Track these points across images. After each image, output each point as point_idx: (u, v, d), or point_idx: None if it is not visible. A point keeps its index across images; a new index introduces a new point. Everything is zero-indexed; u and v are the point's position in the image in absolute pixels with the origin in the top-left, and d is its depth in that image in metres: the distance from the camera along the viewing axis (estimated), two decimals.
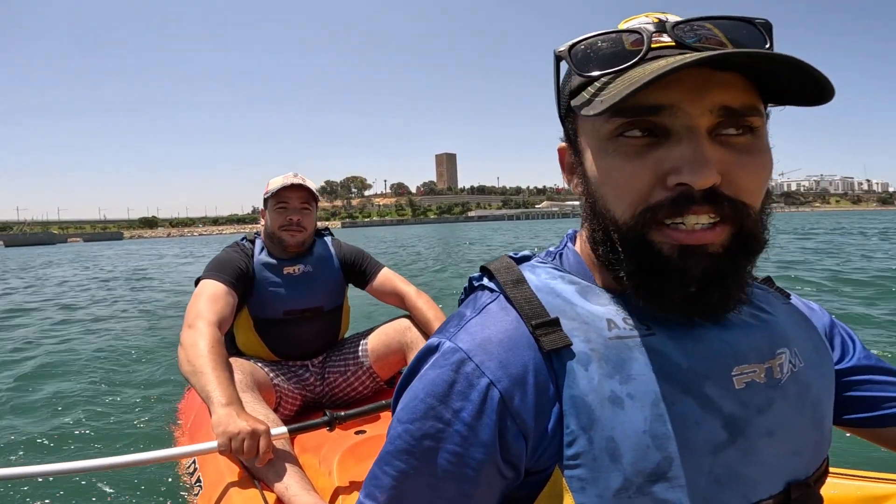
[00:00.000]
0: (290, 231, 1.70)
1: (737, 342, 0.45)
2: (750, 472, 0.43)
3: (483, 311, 0.46)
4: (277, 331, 1.72)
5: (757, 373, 0.45)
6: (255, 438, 1.14)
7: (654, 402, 0.41)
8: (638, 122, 0.40)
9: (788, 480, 0.46)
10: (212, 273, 1.61)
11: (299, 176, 1.74)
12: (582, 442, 0.41)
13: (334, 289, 1.82)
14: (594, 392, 0.41)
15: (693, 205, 0.40)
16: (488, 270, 0.50)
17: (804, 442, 0.47)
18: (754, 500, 0.43)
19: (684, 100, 0.39)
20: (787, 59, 0.37)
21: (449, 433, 0.42)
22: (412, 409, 0.44)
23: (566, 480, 0.41)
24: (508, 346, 0.43)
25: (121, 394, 2.94)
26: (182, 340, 1.40)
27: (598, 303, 0.46)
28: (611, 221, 0.44)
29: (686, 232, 0.40)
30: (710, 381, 0.43)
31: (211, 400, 1.21)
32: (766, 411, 0.45)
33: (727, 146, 0.40)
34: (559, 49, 0.44)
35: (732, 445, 0.42)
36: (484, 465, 0.42)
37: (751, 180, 0.41)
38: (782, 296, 0.56)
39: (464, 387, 0.42)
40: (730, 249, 0.41)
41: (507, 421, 0.42)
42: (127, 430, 2.38)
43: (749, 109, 0.40)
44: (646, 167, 0.41)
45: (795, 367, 0.48)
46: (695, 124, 0.39)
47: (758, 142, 0.42)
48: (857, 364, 0.57)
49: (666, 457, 0.41)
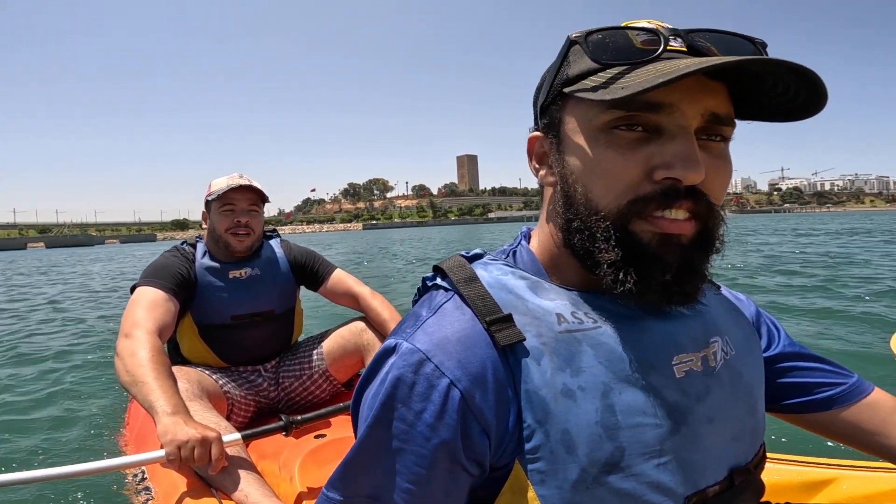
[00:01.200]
0: (238, 235, 1.63)
1: (675, 332, 0.47)
2: (695, 458, 0.45)
3: (439, 310, 0.47)
4: (225, 336, 1.65)
5: (694, 361, 0.47)
6: (205, 446, 1.08)
7: (603, 393, 0.43)
8: (635, 117, 0.42)
9: (731, 466, 0.48)
10: (149, 279, 1.53)
11: (245, 177, 1.67)
12: (539, 435, 0.42)
13: (284, 291, 1.76)
14: (547, 386, 0.43)
15: (679, 199, 0.42)
16: (441, 270, 0.50)
17: (742, 428, 0.50)
18: (702, 487, 0.45)
19: (683, 101, 0.42)
20: (796, 67, 0.39)
21: (412, 434, 0.43)
22: (375, 411, 0.44)
23: (527, 474, 0.42)
24: (466, 345, 0.43)
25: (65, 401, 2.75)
26: (118, 350, 1.31)
27: (547, 297, 0.47)
28: (594, 210, 0.45)
29: (668, 221, 0.43)
30: (654, 371, 0.45)
31: (154, 410, 1.14)
32: (705, 399, 0.47)
33: (706, 150, 0.43)
34: (574, 34, 0.46)
35: (677, 433, 0.44)
36: (449, 464, 0.43)
37: (719, 184, 0.44)
38: (714, 287, 0.58)
39: (424, 388, 0.42)
40: (696, 244, 0.44)
41: (469, 420, 0.42)
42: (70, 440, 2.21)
43: (729, 119, 0.44)
44: (637, 160, 0.43)
45: (728, 356, 0.51)
46: (688, 125, 0.42)
47: (726, 151, 0.45)
48: (782, 351, 0.60)
49: (618, 447, 0.42)
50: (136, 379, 1.21)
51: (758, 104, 0.46)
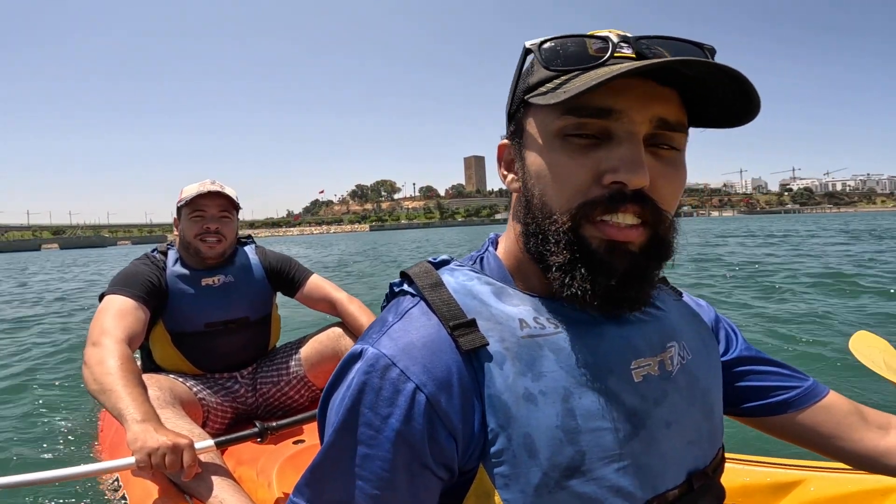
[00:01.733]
0: (208, 242, 1.61)
1: (633, 337, 0.49)
2: (654, 462, 0.46)
3: (405, 316, 0.47)
4: (198, 344, 1.64)
5: (651, 366, 0.48)
6: (176, 453, 1.06)
7: (563, 397, 0.44)
8: (586, 123, 0.44)
9: (690, 470, 0.49)
10: (118, 288, 1.50)
11: (217, 183, 1.66)
12: (502, 439, 0.43)
13: (259, 298, 1.75)
14: (509, 390, 0.43)
15: (625, 203, 0.43)
16: (408, 276, 0.51)
17: (699, 432, 0.51)
18: (661, 491, 0.46)
19: (632, 107, 0.43)
20: (729, 71, 0.41)
21: (379, 440, 0.43)
22: (342, 417, 0.44)
23: (491, 478, 0.43)
24: (431, 350, 0.44)
25: (36, 408, 2.69)
26: (86, 359, 1.29)
27: (511, 303, 0.48)
28: (547, 214, 0.46)
29: (615, 228, 0.44)
30: (613, 376, 0.46)
31: (124, 417, 1.12)
32: (662, 403, 0.48)
33: (655, 157, 0.45)
34: (530, 43, 0.47)
35: (636, 437, 0.45)
36: (417, 468, 0.43)
37: (670, 190, 0.45)
38: (675, 293, 0.60)
39: (390, 393, 0.43)
40: (646, 251, 0.45)
41: (435, 424, 0.43)
42: (42, 447, 2.16)
43: (679, 126, 0.45)
44: (586, 165, 0.44)
45: (684, 360, 0.52)
46: (636, 131, 0.43)
47: (679, 158, 0.46)
48: (740, 355, 0.61)
49: (578, 451, 0.43)
50: (104, 387, 1.19)
51: (706, 111, 0.47)
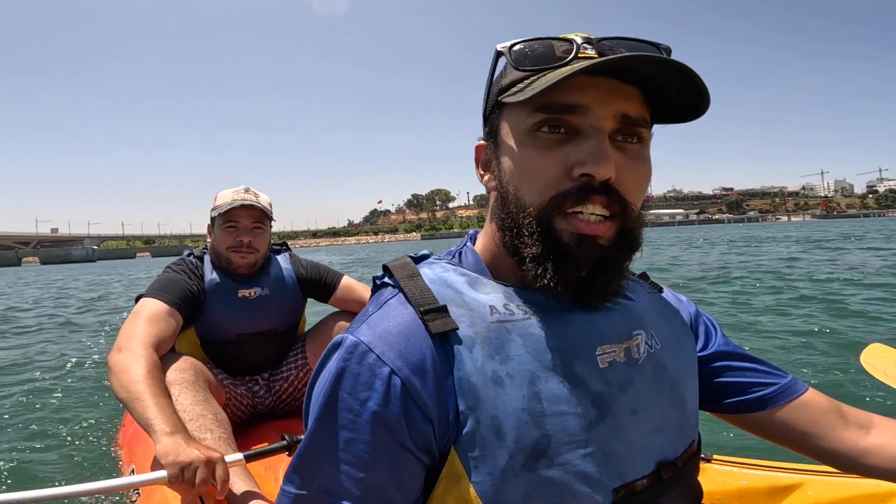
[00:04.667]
0: (241, 252, 1.59)
1: (599, 324, 0.50)
2: (620, 449, 0.47)
3: (384, 306, 0.50)
4: (227, 351, 1.65)
5: (617, 352, 0.50)
6: (209, 467, 1.01)
7: (530, 380, 0.45)
8: (555, 119, 0.46)
9: (658, 460, 0.50)
10: (155, 292, 1.48)
11: (251, 191, 1.63)
12: (471, 422, 0.44)
13: (290, 309, 1.75)
14: (478, 373, 0.45)
15: (593, 194, 0.45)
16: (388, 269, 0.53)
17: (666, 420, 0.52)
18: (629, 479, 0.47)
19: (595, 103, 0.46)
20: (676, 64, 0.44)
21: (359, 423, 0.44)
22: (323, 403, 0.46)
23: (462, 460, 0.45)
24: (406, 336, 0.46)
25: (61, 417, 2.67)
26: (111, 365, 1.25)
27: (483, 292, 0.50)
28: (521, 208, 0.48)
29: (585, 222, 0.46)
30: (579, 361, 0.48)
31: (153, 429, 1.08)
32: (628, 389, 0.49)
33: (621, 151, 0.47)
34: (501, 45, 0.50)
35: (602, 423, 0.47)
36: (398, 450, 0.44)
37: (635, 182, 0.48)
38: (654, 288, 0.62)
39: (368, 377, 0.45)
40: (615, 244, 0.48)
41: (411, 406, 0.44)
42: (63, 457, 2.14)
43: (642, 121, 0.48)
44: (556, 159, 0.46)
45: (652, 349, 0.53)
46: (601, 125, 0.46)
47: (644, 151, 0.49)
48: (717, 350, 0.62)
49: (544, 434, 0.44)
50: (131, 395, 1.17)
51: (666, 107, 0.49)
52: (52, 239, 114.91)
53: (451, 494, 0.46)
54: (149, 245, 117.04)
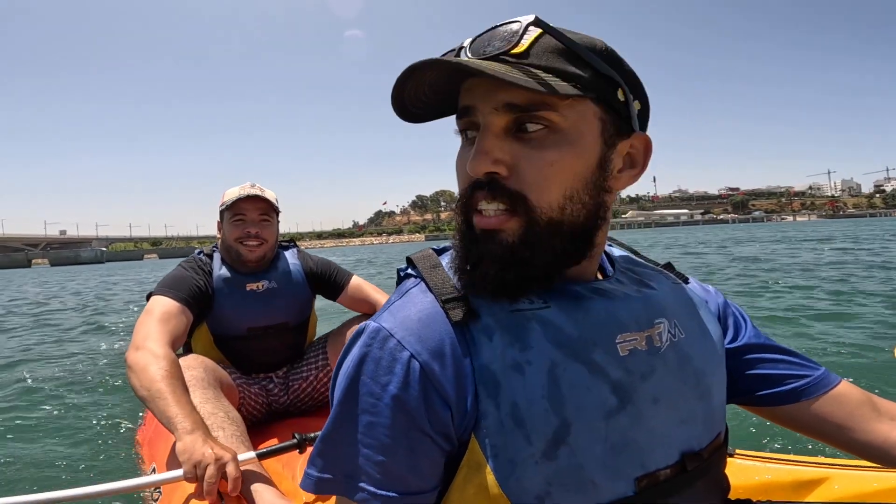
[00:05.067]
0: (249, 244, 1.63)
1: (619, 312, 0.50)
2: (641, 438, 0.47)
3: (406, 294, 0.51)
4: (240, 346, 1.67)
5: (638, 340, 0.49)
6: (220, 465, 1.05)
7: (549, 368, 0.46)
8: (465, 122, 0.49)
9: (682, 451, 0.49)
10: (164, 290, 1.52)
11: (257, 186, 1.67)
12: (491, 409, 0.45)
13: (300, 303, 1.77)
14: (498, 360, 0.46)
15: (476, 191, 0.47)
16: (412, 261, 0.55)
17: (691, 411, 0.51)
18: (651, 469, 0.47)
19: (478, 101, 0.47)
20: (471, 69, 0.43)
21: (380, 407, 0.45)
22: (345, 387, 0.47)
23: (482, 448, 0.45)
24: (426, 323, 0.47)
25: (80, 417, 2.68)
26: (130, 364, 1.28)
27: None
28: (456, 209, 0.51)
29: (484, 217, 0.47)
30: (598, 349, 0.47)
31: (174, 426, 1.12)
32: (650, 378, 0.49)
33: (522, 142, 0.46)
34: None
35: (622, 411, 0.46)
36: (417, 434, 0.45)
37: (532, 171, 0.46)
38: (680, 279, 0.61)
39: (388, 361, 0.46)
40: (523, 239, 0.47)
41: (430, 391, 0.45)
42: (84, 457, 2.14)
43: (535, 105, 0.45)
44: (463, 161, 0.49)
45: (675, 338, 0.52)
46: (487, 122, 0.46)
47: (553, 136, 0.46)
48: (748, 342, 0.60)
49: (564, 421, 0.45)
50: (153, 394, 1.20)
51: None
52: (60, 241, 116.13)
53: (471, 482, 0.46)
54: (156, 247, 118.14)
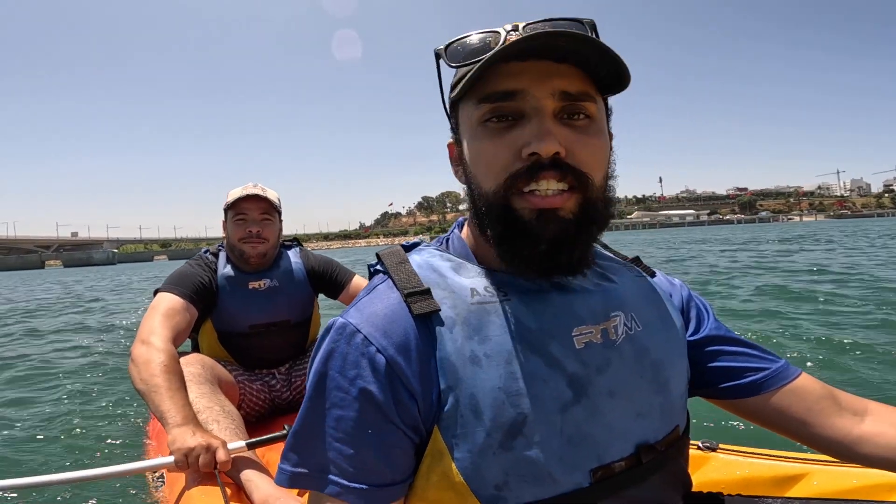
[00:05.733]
0: (251, 243, 1.67)
1: (575, 305, 0.51)
2: (597, 431, 0.48)
3: (373, 290, 0.52)
4: (243, 343, 1.72)
5: (594, 333, 0.51)
6: (210, 452, 1.12)
7: (507, 360, 0.47)
8: (499, 107, 0.49)
9: (638, 443, 0.50)
10: (170, 286, 1.57)
11: (259, 186, 1.71)
12: (451, 400, 0.46)
13: (301, 301, 1.81)
14: (457, 352, 0.47)
15: (543, 170, 0.47)
16: (379, 257, 0.56)
17: (647, 404, 0.52)
18: (607, 461, 0.48)
19: (532, 85, 0.48)
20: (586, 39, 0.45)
21: (348, 400, 0.46)
22: (315, 382, 0.48)
23: (444, 438, 0.47)
24: (391, 318, 0.48)
25: (95, 405, 2.85)
26: (134, 357, 1.34)
27: (467, 276, 0.52)
28: (482, 194, 0.51)
29: (541, 197, 0.48)
30: (555, 341, 0.49)
31: (166, 420, 1.18)
32: (605, 371, 0.50)
33: (570, 127, 0.49)
34: (438, 47, 0.53)
35: (578, 404, 0.48)
36: (386, 427, 0.46)
37: (588, 154, 0.49)
38: (646, 272, 0.62)
39: (356, 356, 0.47)
40: (578, 216, 0.49)
41: (396, 384, 0.46)
42: (96, 441, 2.32)
43: (583, 95, 0.49)
44: (505, 144, 0.49)
45: (632, 331, 0.53)
46: (541, 105, 0.48)
47: (594, 125, 0.50)
48: (708, 334, 0.61)
49: (520, 413, 0.46)
50: (149, 388, 1.25)
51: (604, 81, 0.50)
52: (71, 242, 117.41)
53: (434, 471, 0.48)
54: (165, 248, 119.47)
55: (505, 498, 0.46)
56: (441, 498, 0.48)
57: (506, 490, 0.46)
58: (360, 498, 0.46)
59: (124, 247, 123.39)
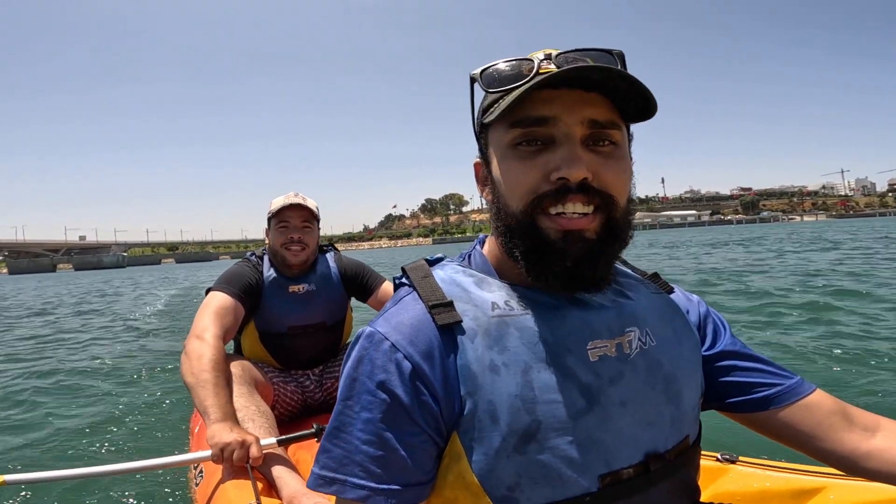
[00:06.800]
0: (293, 249, 1.79)
1: (592, 320, 0.55)
2: (607, 438, 0.51)
3: (400, 302, 0.56)
4: (281, 343, 1.84)
5: (608, 347, 0.54)
6: (244, 448, 1.20)
7: (524, 370, 0.50)
8: (530, 132, 0.52)
9: (647, 452, 0.53)
10: (222, 286, 1.69)
11: (300, 195, 1.83)
12: (470, 405, 0.49)
13: (336, 305, 1.92)
14: (478, 361, 0.50)
15: (570, 194, 0.51)
16: (405, 271, 0.60)
17: (658, 414, 0.54)
18: (615, 468, 0.51)
19: (563, 113, 0.51)
20: (617, 72, 0.49)
21: (376, 403, 0.50)
22: (346, 387, 0.52)
23: (462, 441, 0.50)
24: (417, 327, 0.52)
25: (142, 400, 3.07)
26: (188, 350, 1.45)
27: (488, 290, 0.56)
28: (510, 213, 0.54)
29: (567, 219, 0.51)
30: (570, 354, 0.52)
31: (208, 415, 1.28)
32: (618, 382, 0.53)
33: (596, 153, 0.52)
34: (473, 72, 0.56)
35: (590, 413, 0.50)
36: (411, 429, 0.49)
37: (613, 178, 0.53)
38: (663, 289, 0.65)
39: (383, 361, 0.51)
40: (602, 236, 0.53)
41: (421, 388, 0.50)
42: (143, 435, 2.54)
43: (610, 124, 0.53)
44: (535, 167, 0.52)
45: (646, 345, 0.56)
46: (571, 132, 0.51)
47: (619, 151, 0.54)
48: (723, 349, 0.64)
49: (534, 419, 0.49)
50: (198, 382, 1.35)
51: (629, 110, 0.54)
52: (79, 246, 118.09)
53: (451, 471, 0.51)
54: (172, 251, 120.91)
55: (517, 499, 0.49)
56: (456, 497, 0.51)
57: (517, 491, 0.49)
58: (390, 498, 0.49)
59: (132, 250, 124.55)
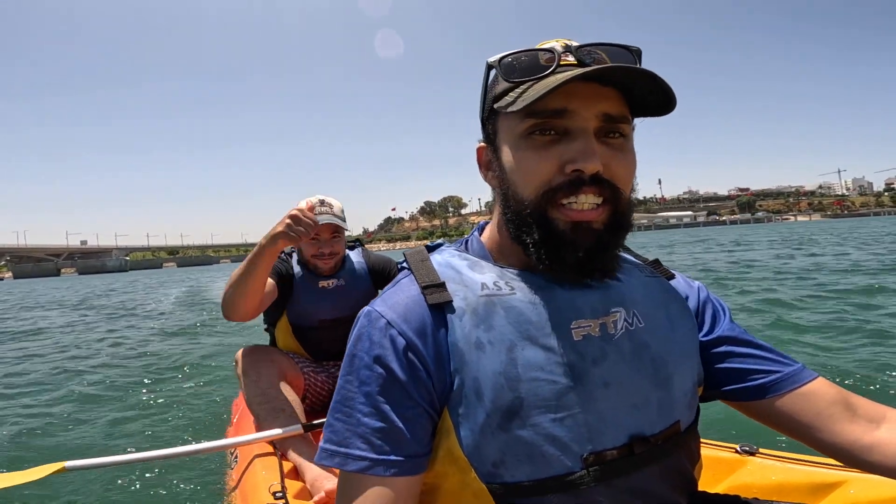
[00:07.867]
0: (323, 260, 1.87)
1: (576, 300, 0.56)
2: (591, 419, 0.52)
3: (397, 284, 0.60)
4: (312, 335, 1.93)
5: (592, 327, 0.55)
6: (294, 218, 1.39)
7: (508, 348, 0.52)
8: (545, 123, 0.53)
9: (632, 434, 0.53)
10: None
11: (326, 203, 1.86)
12: (458, 382, 0.52)
13: (364, 299, 1.92)
14: (465, 339, 0.53)
15: (584, 186, 0.52)
16: (405, 256, 0.63)
17: (644, 398, 0.55)
18: (599, 449, 0.52)
19: (580, 106, 0.52)
20: (645, 72, 0.51)
21: (374, 377, 0.53)
22: (347, 363, 0.56)
23: (451, 416, 0.52)
24: (410, 306, 0.55)
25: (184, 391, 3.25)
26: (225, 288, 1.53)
27: (480, 272, 0.58)
28: (520, 202, 0.55)
29: (578, 211, 0.53)
30: (554, 332, 0.53)
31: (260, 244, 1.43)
32: (601, 363, 0.54)
33: (607, 145, 0.54)
34: (491, 59, 0.57)
35: (573, 391, 0.52)
36: (409, 403, 0.52)
37: (622, 170, 0.55)
38: (663, 274, 0.67)
39: (379, 338, 0.54)
40: (609, 226, 0.55)
41: (415, 362, 0.53)
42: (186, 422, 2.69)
43: (622, 118, 0.54)
44: (550, 158, 0.53)
45: (632, 326, 0.57)
46: (587, 125, 0.53)
47: (627, 144, 0.56)
48: (720, 335, 0.64)
49: (517, 396, 0.51)
50: (237, 271, 1.48)
51: (642, 104, 0.56)
52: (81, 250, 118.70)
53: (441, 446, 0.54)
54: (173, 255, 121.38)
55: (501, 475, 0.51)
56: (445, 471, 0.54)
57: (502, 468, 0.51)
58: (389, 468, 0.51)
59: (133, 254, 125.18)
